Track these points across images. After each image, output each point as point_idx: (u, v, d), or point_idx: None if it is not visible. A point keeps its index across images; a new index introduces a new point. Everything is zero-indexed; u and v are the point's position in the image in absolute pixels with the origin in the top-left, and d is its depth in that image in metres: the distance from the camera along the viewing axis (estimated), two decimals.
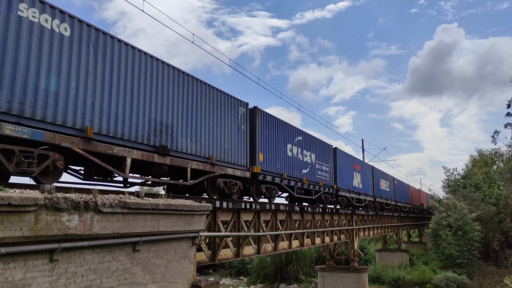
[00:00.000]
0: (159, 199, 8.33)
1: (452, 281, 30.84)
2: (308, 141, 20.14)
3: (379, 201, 32.99)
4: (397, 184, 41.26)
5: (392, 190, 38.49)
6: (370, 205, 31.28)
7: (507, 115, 32.87)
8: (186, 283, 8.69)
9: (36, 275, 5.69)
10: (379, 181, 33.68)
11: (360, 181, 28.40)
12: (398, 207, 40.82)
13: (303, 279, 38.23)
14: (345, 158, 25.49)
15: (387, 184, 36.84)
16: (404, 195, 44.35)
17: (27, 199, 5.40)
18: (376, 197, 31.60)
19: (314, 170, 20.53)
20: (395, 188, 39.54)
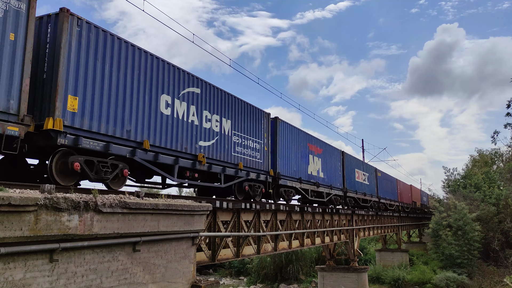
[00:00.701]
0: (159, 199, 8.33)
1: (452, 281, 30.86)
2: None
3: (352, 196, 26.31)
4: (381, 177, 35.32)
5: (374, 184, 32.45)
6: (338, 200, 25.15)
7: (507, 115, 32.86)
8: (186, 283, 8.69)
9: (36, 275, 5.69)
10: (353, 172, 27.32)
11: (320, 168, 21.94)
12: (381, 204, 34.53)
13: (303, 279, 38.23)
14: (293, 133, 18.84)
15: (366, 177, 30.40)
16: (390, 191, 38.21)
17: (27, 199, 5.40)
18: (347, 191, 25.02)
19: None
20: (377, 182, 33.41)
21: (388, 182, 37.48)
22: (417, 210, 53.19)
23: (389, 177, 38.56)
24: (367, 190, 29.88)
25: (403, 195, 44.19)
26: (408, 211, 46.80)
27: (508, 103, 32.52)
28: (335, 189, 23.63)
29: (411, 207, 48.22)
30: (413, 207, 49.46)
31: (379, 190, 33.52)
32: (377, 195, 32.75)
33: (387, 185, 37.12)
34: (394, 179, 40.75)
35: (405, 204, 44.25)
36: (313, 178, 20.34)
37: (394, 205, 39.13)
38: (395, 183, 41.08)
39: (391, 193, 37.97)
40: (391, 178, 39.67)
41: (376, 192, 32.72)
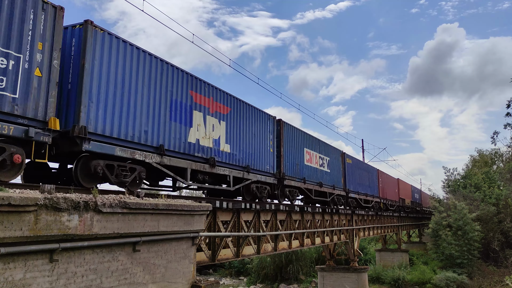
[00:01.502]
0: (159, 199, 8.33)
1: (452, 281, 30.86)
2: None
3: (295, 186, 18.32)
4: (352, 165, 27.00)
5: (339, 172, 24.51)
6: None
7: (507, 115, 32.90)
8: (186, 283, 8.69)
9: (36, 275, 5.69)
10: (301, 152, 19.22)
11: (224, 137, 14.86)
12: (351, 200, 26.32)
13: (303, 279, 38.24)
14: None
15: (325, 161, 22.24)
16: (368, 184, 30.46)
17: (27, 199, 5.40)
18: (284, 178, 17.18)
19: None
20: (346, 170, 25.29)
21: (364, 173, 29.96)
22: (406, 209, 45.76)
23: (365, 166, 31.36)
24: (325, 180, 21.82)
25: (387, 190, 36.57)
26: (393, 210, 39.10)
27: (508, 103, 32.58)
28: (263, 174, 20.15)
29: (398, 205, 40.45)
30: (400, 205, 41.60)
31: (348, 181, 25.62)
32: (344, 187, 24.76)
33: (362, 176, 29.41)
34: (374, 170, 33.43)
35: (388, 201, 36.34)
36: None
37: (372, 201, 31.24)
38: (376, 175, 33.51)
39: (368, 187, 30.36)
40: (369, 168, 32.35)
41: (343, 184, 24.77)
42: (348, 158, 26.44)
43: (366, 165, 31.96)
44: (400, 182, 43.42)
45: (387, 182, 37.14)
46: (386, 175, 37.85)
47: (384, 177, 36.25)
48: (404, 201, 43.64)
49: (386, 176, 37.86)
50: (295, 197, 18.40)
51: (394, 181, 41.39)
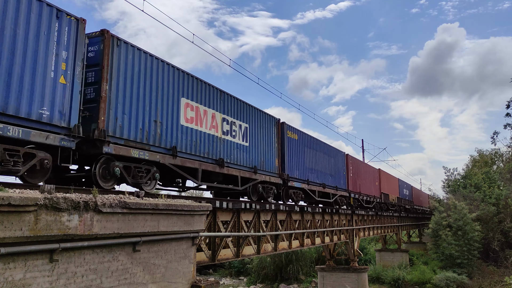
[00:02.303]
0: (159, 199, 8.33)
1: (452, 281, 30.87)
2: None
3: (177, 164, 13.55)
4: (299, 142, 19.25)
5: (271, 150, 16.59)
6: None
7: (507, 116, 32.92)
8: (186, 283, 8.69)
9: (36, 275, 5.69)
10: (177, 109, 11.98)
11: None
12: (293, 190, 18.42)
13: (303, 279, 38.24)
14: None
15: (243, 131, 14.67)
16: (330, 173, 22.65)
17: (27, 199, 5.40)
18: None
19: None
20: (285, 147, 17.62)
21: (322, 156, 21.47)
22: (391, 207, 37.68)
23: (325, 148, 22.31)
24: (244, 161, 14.54)
25: (362, 182, 28.37)
26: (372, 207, 31.06)
27: (508, 104, 32.61)
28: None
29: (377, 201, 32.46)
30: (381, 202, 33.66)
31: (289, 165, 17.86)
32: (280, 172, 17.21)
33: (319, 161, 21.03)
34: (340, 154, 24.63)
35: (363, 196, 28.12)
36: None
37: (336, 195, 23.01)
38: (343, 161, 25.09)
39: (329, 175, 22.30)
40: (333, 151, 23.47)
41: (278, 168, 17.18)
42: (292, 131, 18.52)
43: (327, 146, 22.96)
44: (382, 174, 35.98)
45: (362, 172, 29.00)
46: (361, 164, 30.09)
47: (357, 166, 27.97)
48: (387, 197, 35.83)
49: (361, 164, 29.73)
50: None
51: (374, 172, 33.15)
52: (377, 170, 34.77)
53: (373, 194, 31.57)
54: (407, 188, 48.87)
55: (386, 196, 35.61)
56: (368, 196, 29.81)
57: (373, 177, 32.71)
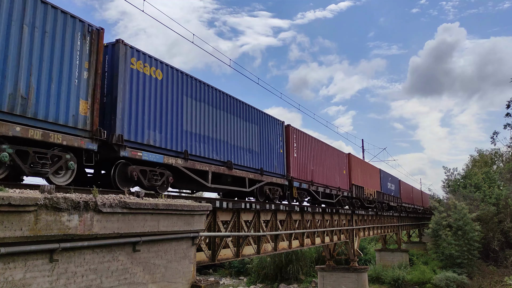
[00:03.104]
0: (159, 199, 8.33)
1: (452, 281, 30.87)
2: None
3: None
4: (164, 81, 10.93)
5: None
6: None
7: (507, 116, 32.91)
8: (186, 283, 8.69)
9: (36, 275, 5.69)
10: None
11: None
12: (155, 172, 10.49)
13: (303, 279, 38.24)
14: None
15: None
16: (248, 148, 14.76)
17: (27, 199, 5.40)
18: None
19: None
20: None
21: (252, 127, 15.13)
22: (369, 202, 30.27)
23: (261, 118, 15.95)
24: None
25: (320, 169, 21.23)
26: (334, 202, 23.16)
27: (508, 104, 32.59)
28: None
29: (344, 195, 25.01)
30: (351, 196, 26.32)
31: (128, 118, 9.99)
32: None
33: (219, 124, 13.17)
34: (275, 123, 17.15)
35: (318, 187, 20.66)
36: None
37: (261, 181, 15.33)
38: (279, 135, 17.41)
39: (246, 152, 14.68)
40: (274, 127, 16.87)
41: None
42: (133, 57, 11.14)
43: (264, 116, 15.94)
44: (353, 160, 27.48)
45: (318, 154, 21.14)
46: (316, 143, 21.23)
47: (308, 144, 19.90)
48: (361, 191, 28.17)
49: (316, 144, 21.09)
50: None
51: (341, 157, 25.28)
52: (346, 156, 26.69)
53: (338, 185, 23.76)
54: (394, 182, 40.67)
55: (359, 190, 27.83)
56: (327, 187, 21.81)
57: (339, 163, 24.76)
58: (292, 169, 17.90)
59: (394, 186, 40.86)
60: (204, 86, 12.47)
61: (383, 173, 36.39)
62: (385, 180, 36.57)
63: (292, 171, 17.89)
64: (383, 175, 36.11)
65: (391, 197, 38.33)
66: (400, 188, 43.51)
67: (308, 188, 19.39)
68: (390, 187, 38.50)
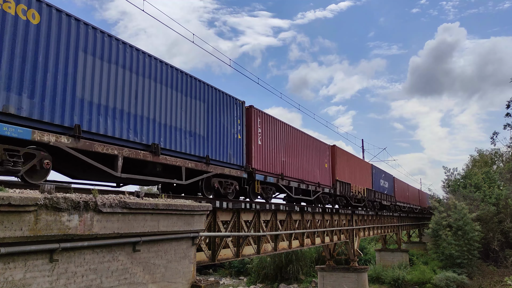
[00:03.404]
0: (159, 199, 8.33)
1: (452, 281, 30.87)
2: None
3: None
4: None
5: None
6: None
7: (507, 116, 32.91)
8: (186, 283, 8.69)
9: (36, 275, 5.69)
10: None
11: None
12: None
13: (303, 279, 38.24)
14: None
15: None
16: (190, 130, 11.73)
17: (27, 199, 5.40)
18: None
19: None
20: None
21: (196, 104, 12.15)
22: (357, 201, 27.40)
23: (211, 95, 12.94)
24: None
25: (290, 161, 18.21)
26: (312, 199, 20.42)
27: (508, 104, 32.58)
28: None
29: (326, 191, 22.08)
30: (334, 194, 23.29)
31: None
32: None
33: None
34: (231, 101, 14.04)
35: (302, 183, 18.99)
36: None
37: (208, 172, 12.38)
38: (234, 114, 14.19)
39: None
40: (229, 107, 13.93)
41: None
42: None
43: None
44: (339, 153, 24.17)
45: (293, 143, 18.70)
46: (289, 130, 18.49)
47: (277, 130, 17.21)
48: (347, 188, 25.00)
49: (289, 130, 18.43)
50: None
51: (322, 149, 22.28)
52: (328, 148, 23.11)
53: (317, 181, 20.80)
54: (387, 179, 37.82)
55: (345, 186, 24.75)
56: (303, 182, 19.06)
57: (319, 157, 21.58)
58: (254, 160, 14.68)
59: (388, 183, 37.94)
60: (118, 43, 9.48)
61: (375, 169, 33.34)
62: (377, 177, 34.00)
63: (254, 161, 14.66)
64: (375, 172, 33.20)
65: (384, 195, 35.64)
66: (395, 186, 40.17)
67: (276, 183, 15.99)
68: (383, 185, 35.57)
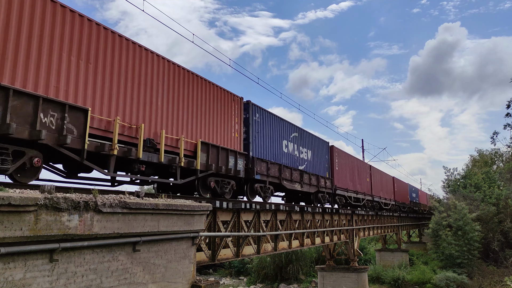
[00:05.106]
0: (159, 199, 8.33)
1: (452, 281, 30.87)
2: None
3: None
4: None
5: None
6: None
7: (507, 116, 32.87)
8: (186, 283, 8.69)
9: (36, 275, 5.69)
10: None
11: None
12: None
13: (303, 279, 38.23)
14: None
15: None
16: None
17: (27, 199, 5.40)
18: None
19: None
20: None
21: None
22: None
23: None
24: None
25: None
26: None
27: (508, 104, 32.54)
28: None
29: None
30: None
31: None
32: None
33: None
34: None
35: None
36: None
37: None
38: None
39: None
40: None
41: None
42: None
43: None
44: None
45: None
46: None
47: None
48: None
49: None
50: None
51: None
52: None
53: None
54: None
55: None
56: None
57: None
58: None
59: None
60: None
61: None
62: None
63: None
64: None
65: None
66: (372, 183, 31.68)
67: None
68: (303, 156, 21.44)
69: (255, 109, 15.56)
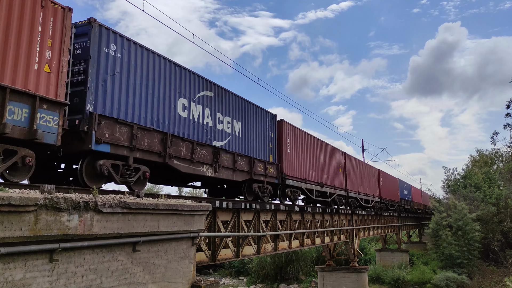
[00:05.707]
0: (159, 199, 8.33)
1: (452, 281, 30.87)
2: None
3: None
4: None
5: None
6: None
7: (507, 116, 32.85)
8: (186, 283, 8.69)
9: (36, 275, 5.69)
10: None
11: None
12: None
13: (303, 279, 38.23)
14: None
15: None
16: None
17: (27, 199, 5.40)
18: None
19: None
20: None
21: None
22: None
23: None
24: None
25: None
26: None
27: (508, 104, 32.52)
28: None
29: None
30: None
31: None
32: None
33: None
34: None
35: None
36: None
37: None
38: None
39: None
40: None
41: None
42: None
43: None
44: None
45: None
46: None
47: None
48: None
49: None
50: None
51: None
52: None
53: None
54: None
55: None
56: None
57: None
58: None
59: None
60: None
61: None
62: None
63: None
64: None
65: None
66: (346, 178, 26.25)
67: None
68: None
69: (109, 36, 9.41)
